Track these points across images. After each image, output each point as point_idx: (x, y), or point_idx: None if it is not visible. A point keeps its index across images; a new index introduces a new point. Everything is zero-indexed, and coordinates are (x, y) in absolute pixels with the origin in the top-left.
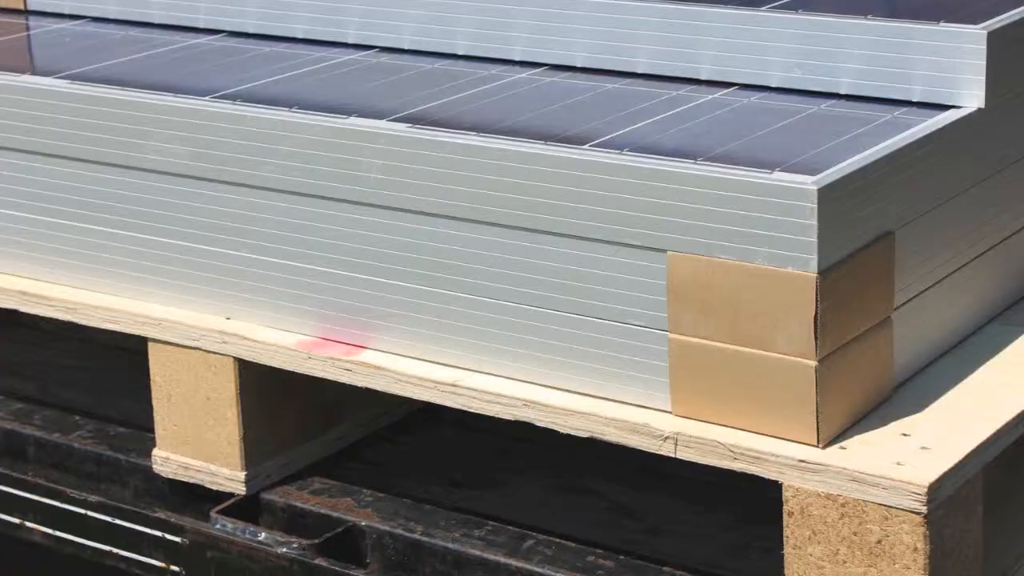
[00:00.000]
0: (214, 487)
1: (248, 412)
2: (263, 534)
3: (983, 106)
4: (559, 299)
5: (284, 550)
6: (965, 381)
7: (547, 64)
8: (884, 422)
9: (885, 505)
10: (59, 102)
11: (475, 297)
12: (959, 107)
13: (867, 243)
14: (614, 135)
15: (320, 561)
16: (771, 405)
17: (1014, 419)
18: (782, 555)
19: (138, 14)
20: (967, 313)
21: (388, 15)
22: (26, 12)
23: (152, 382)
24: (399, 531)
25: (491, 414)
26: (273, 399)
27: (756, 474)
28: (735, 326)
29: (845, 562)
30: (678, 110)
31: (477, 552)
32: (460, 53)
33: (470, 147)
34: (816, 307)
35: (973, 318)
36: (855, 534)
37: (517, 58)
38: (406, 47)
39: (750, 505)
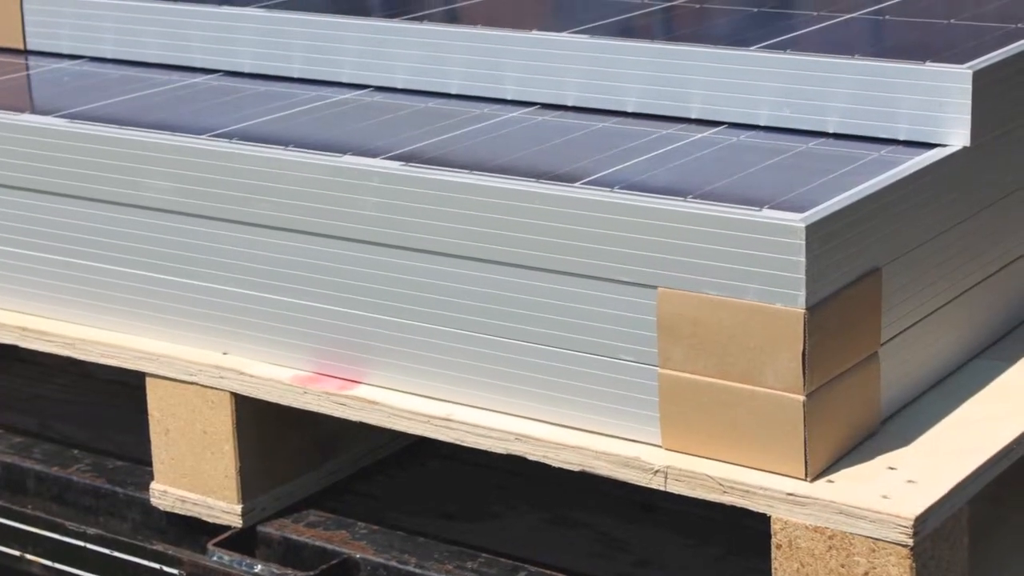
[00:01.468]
0: (211, 520)
1: (244, 446)
2: (259, 566)
3: (968, 145)
4: (551, 335)
5: None
6: (951, 415)
7: (539, 103)
8: (871, 456)
9: (872, 538)
10: (58, 140)
11: (468, 333)
12: (945, 146)
13: (854, 279)
14: (605, 173)
15: None
16: (760, 439)
17: (999, 452)
18: None
19: (135, 54)
20: (953, 348)
21: (382, 55)
22: (25, 52)
23: (150, 416)
24: (393, 563)
25: (484, 448)
26: (269, 433)
27: (745, 507)
28: (724, 361)
29: None
30: (668, 148)
31: None
32: (453, 92)
33: (463, 185)
34: (804, 343)
35: (959, 353)
36: (842, 566)
37: (509, 97)
38: (400, 86)
39: (739, 538)
